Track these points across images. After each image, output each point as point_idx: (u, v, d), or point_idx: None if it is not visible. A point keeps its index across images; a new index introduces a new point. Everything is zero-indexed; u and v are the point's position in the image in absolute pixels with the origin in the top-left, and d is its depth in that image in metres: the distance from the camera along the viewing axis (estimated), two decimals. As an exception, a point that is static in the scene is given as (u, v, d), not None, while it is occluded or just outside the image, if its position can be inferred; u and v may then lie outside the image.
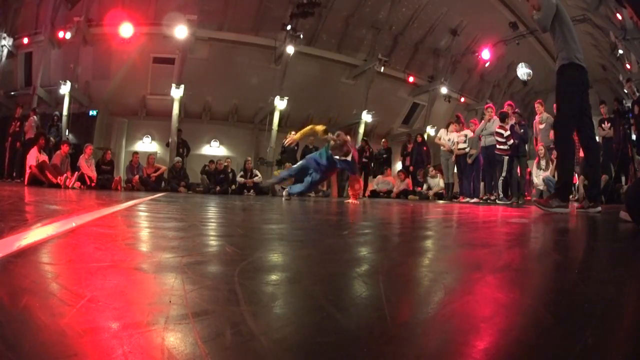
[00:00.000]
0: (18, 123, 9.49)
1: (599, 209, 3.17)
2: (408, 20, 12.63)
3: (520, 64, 9.77)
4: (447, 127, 8.80)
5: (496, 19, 12.08)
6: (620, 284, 0.80)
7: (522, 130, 6.99)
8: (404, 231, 1.95)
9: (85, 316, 0.51)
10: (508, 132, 6.95)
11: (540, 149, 7.29)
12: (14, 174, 9.23)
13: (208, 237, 1.40)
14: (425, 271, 0.93)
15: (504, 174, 7.06)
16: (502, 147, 7.01)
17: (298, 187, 5.59)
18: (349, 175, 5.82)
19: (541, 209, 3.12)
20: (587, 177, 3.71)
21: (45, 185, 7.17)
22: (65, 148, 8.30)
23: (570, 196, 3.64)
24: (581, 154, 4.23)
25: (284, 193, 5.76)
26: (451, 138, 8.48)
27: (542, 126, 7.31)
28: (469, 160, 7.79)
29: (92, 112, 11.50)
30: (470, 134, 7.93)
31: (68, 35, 10.48)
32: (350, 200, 5.18)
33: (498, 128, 7.04)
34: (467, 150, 7.88)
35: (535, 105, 7.59)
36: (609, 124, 7.68)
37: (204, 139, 12.71)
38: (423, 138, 10.54)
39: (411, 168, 10.16)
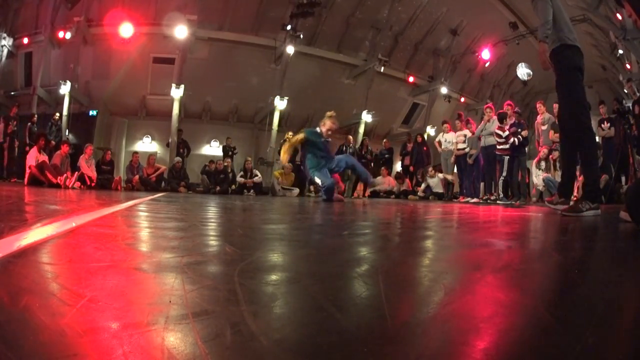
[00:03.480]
0: (15, 122, 9.49)
1: (598, 211, 2.78)
2: (408, 20, 12.63)
3: (520, 64, 9.76)
4: (442, 124, 8.88)
5: (496, 19, 12.08)
6: (620, 284, 0.80)
7: (519, 129, 7.00)
8: (404, 231, 1.95)
9: (85, 316, 0.51)
10: (507, 132, 6.96)
11: (544, 151, 7.28)
12: (14, 174, 9.23)
13: (208, 237, 1.40)
14: (425, 271, 0.93)
15: (504, 173, 7.06)
16: (502, 147, 7.01)
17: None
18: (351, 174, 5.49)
19: (571, 216, 2.65)
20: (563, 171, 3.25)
21: (45, 185, 7.17)
22: (65, 148, 8.30)
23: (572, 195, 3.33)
24: None
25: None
26: (447, 138, 8.51)
27: (544, 127, 7.29)
28: (470, 161, 7.79)
29: (92, 112, 11.51)
30: (469, 133, 7.94)
31: (68, 35, 10.49)
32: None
33: (497, 129, 7.04)
34: (466, 150, 7.89)
35: (537, 106, 7.58)
36: (609, 124, 7.69)
37: (204, 139, 12.72)
38: (423, 138, 10.55)
39: (411, 168, 10.17)
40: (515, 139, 6.85)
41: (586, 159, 2.92)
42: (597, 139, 7.50)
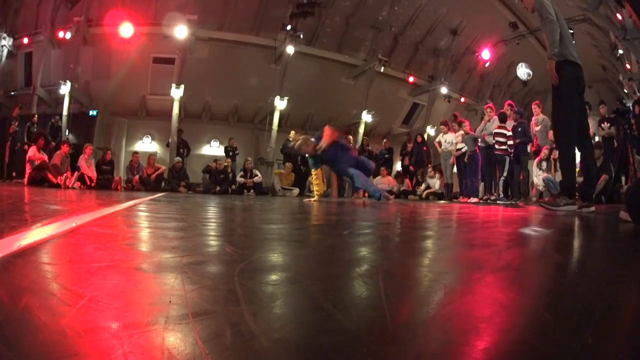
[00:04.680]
0: (17, 122, 9.51)
1: (593, 208, 3.13)
2: (408, 20, 12.62)
3: (520, 64, 9.77)
4: (441, 124, 8.93)
5: (496, 19, 12.08)
6: (620, 284, 0.80)
7: (519, 129, 7.00)
8: (403, 231, 1.95)
9: (85, 316, 0.51)
10: (510, 132, 6.97)
11: (545, 152, 7.29)
12: (14, 174, 9.24)
13: (208, 237, 1.40)
14: (425, 271, 0.93)
15: (505, 174, 7.06)
16: (502, 147, 7.01)
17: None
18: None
19: (548, 209, 3.08)
20: (583, 176, 3.65)
21: (45, 185, 7.17)
22: (65, 148, 8.30)
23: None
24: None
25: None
26: (447, 139, 8.52)
27: (537, 128, 7.31)
28: (465, 159, 7.80)
29: (92, 112, 11.50)
30: (463, 134, 7.94)
31: (68, 35, 10.49)
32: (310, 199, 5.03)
33: (498, 128, 7.04)
34: (463, 150, 7.90)
35: (532, 107, 7.59)
36: (609, 124, 7.69)
37: (204, 139, 12.72)
38: (423, 138, 10.56)
39: (411, 168, 10.17)
40: (517, 140, 6.88)
41: (561, 160, 3.31)
42: (597, 138, 7.51)
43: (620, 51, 10.11)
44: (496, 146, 7.06)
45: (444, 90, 13.48)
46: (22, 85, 11.46)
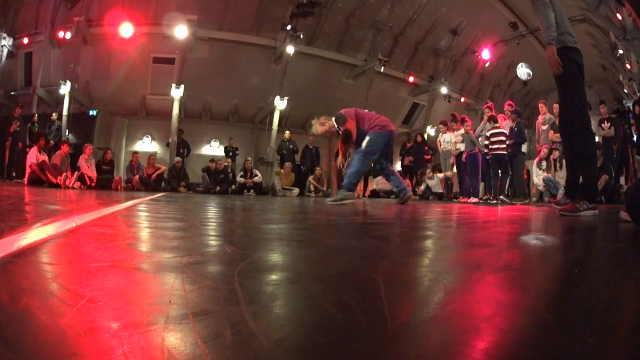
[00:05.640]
0: (18, 122, 9.51)
1: (596, 211, 2.74)
2: (408, 20, 12.63)
3: (520, 64, 9.77)
4: (440, 124, 8.95)
5: (496, 19, 12.08)
6: (620, 284, 0.80)
7: (515, 130, 7.02)
8: (404, 231, 1.95)
9: (85, 316, 0.51)
10: (506, 130, 6.99)
11: (545, 151, 7.30)
12: (14, 174, 9.24)
13: (208, 237, 1.40)
14: (425, 271, 0.93)
15: (509, 173, 7.07)
16: (503, 145, 7.02)
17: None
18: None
19: (568, 216, 2.65)
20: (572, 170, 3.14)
21: (45, 185, 7.18)
22: (65, 148, 8.30)
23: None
24: None
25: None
26: (446, 138, 8.53)
27: (544, 127, 7.31)
28: (463, 159, 7.81)
29: (92, 112, 11.50)
30: (464, 132, 7.94)
31: (68, 35, 10.49)
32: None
33: (493, 129, 7.06)
34: (462, 150, 7.90)
35: (539, 106, 7.60)
36: (609, 124, 7.70)
37: (204, 139, 12.72)
38: (423, 138, 10.56)
39: (411, 158, 10.21)
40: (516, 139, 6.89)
41: (583, 158, 2.89)
42: (597, 138, 7.52)
43: (620, 51, 10.12)
44: (497, 146, 7.06)
45: (444, 90, 13.48)
46: (22, 85, 11.46)
